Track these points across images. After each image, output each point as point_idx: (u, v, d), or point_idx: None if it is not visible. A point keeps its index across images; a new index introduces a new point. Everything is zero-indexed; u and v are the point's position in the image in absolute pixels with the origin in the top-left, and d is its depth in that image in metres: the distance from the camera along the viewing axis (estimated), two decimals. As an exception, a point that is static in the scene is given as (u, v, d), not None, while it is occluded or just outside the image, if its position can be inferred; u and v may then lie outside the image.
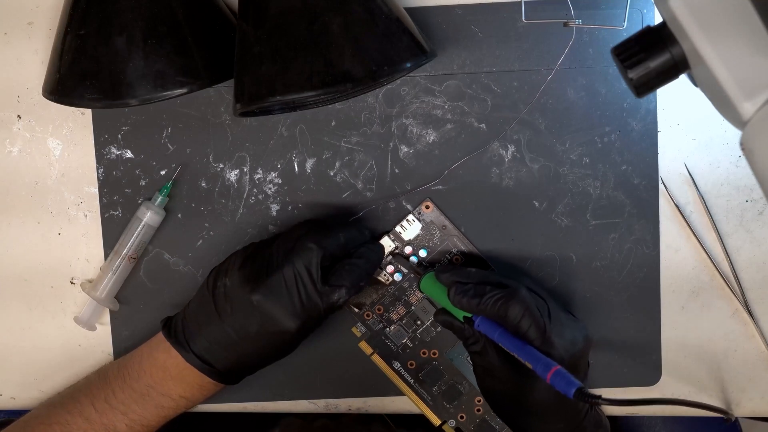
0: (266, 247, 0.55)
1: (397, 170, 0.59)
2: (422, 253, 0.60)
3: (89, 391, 0.56)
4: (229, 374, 0.55)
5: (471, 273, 0.55)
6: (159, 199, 0.59)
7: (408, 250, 0.60)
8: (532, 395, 0.52)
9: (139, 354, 0.56)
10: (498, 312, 0.52)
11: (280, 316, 0.52)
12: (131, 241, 0.58)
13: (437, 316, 0.57)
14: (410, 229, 0.60)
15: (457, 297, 0.53)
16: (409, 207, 0.60)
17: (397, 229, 0.60)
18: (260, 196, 0.60)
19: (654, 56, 0.39)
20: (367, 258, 0.56)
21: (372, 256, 0.57)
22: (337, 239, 0.55)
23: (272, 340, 0.53)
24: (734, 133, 0.59)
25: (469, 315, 0.54)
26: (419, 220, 0.60)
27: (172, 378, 0.55)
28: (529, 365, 0.49)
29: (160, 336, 0.56)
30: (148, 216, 0.58)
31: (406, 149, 0.59)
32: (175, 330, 0.55)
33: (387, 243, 0.60)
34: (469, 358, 0.60)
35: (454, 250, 0.60)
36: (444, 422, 0.61)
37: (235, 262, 0.54)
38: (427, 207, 0.60)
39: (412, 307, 0.60)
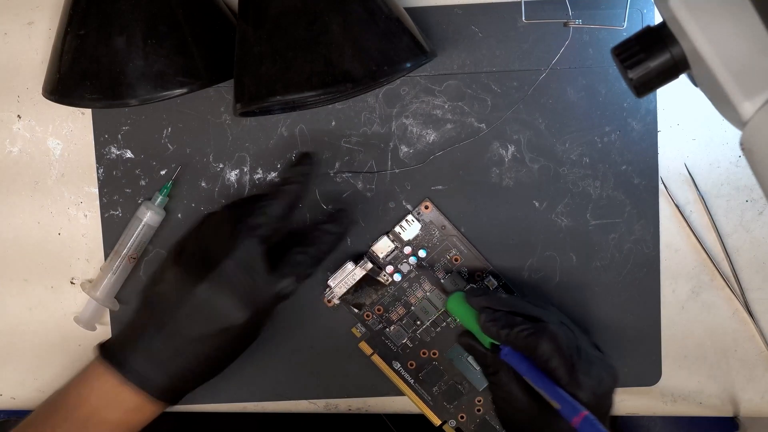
0: (197, 238, 0.52)
1: (397, 170, 0.59)
2: (422, 254, 0.60)
3: (36, 426, 0.52)
4: (170, 390, 0.51)
5: (502, 300, 0.54)
6: (159, 199, 0.58)
7: (407, 250, 0.60)
8: (555, 430, 0.51)
9: (77, 381, 0.52)
10: (528, 346, 0.50)
11: (226, 308, 0.49)
12: (131, 241, 0.58)
13: (461, 338, 0.55)
14: (410, 229, 0.60)
15: (487, 324, 0.52)
16: (408, 207, 0.60)
17: (397, 229, 0.60)
18: (260, 196, 0.60)
19: (654, 56, 0.39)
20: (320, 243, 0.53)
21: (326, 239, 0.53)
22: (273, 213, 0.51)
23: (219, 338, 0.50)
24: (734, 133, 0.59)
25: (497, 343, 0.53)
26: (418, 220, 0.60)
27: (109, 404, 0.50)
28: (556, 405, 0.48)
29: (96, 361, 0.52)
30: (148, 216, 0.58)
31: (406, 149, 0.59)
32: (110, 350, 0.51)
33: (386, 243, 0.60)
34: (477, 370, 0.60)
35: (454, 251, 0.60)
36: (444, 422, 0.61)
37: (168, 261, 0.51)
38: (427, 207, 0.60)
39: (412, 308, 0.60)
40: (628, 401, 0.62)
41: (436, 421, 0.61)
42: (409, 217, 0.60)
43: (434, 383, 0.61)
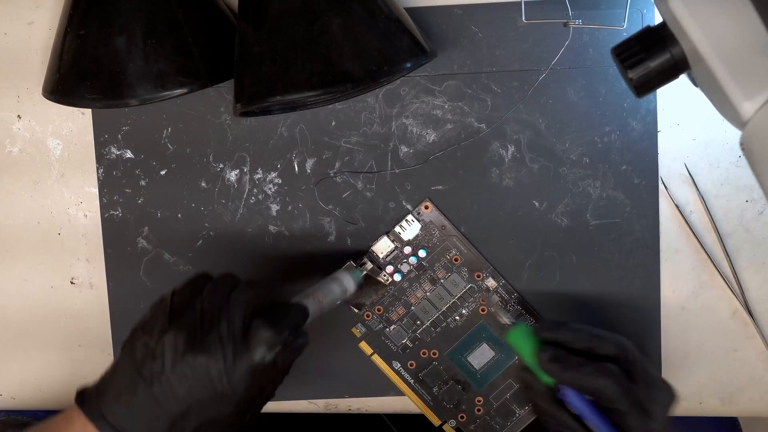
0: (192, 297, 0.50)
1: (397, 170, 0.60)
2: (422, 254, 0.60)
3: None
4: None
5: (571, 334, 0.52)
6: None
7: (407, 250, 0.60)
8: None
9: (55, 429, 0.49)
10: (591, 389, 0.50)
11: (217, 378, 0.47)
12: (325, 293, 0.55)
13: (521, 373, 0.54)
14: (409, 229, 0.60)
15: (547, 364, 0.51)
16: (408, 207, 0.60)
17: (397, 229, 0.60)
18: (260, 196, 0.60)
19: (654, 56, 0.39)
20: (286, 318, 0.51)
21: (293, 314, 0.52)
22: (267, 298, 0.51)
23: (210, 405, 0.48)
24: (734, 133, 0.59)
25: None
26: (418, 220, 0.60)
27: None
28: None
29: (76, 410, 0.48)
30: (347, 281, 0.56)
31: (406, 149, 0.59)
32: (90, 400, 0.48)
33: (386, 243, 0.60)
34: (477, 370, 0.60)
35: (454, 251, 0.60)
36: (444, 422, 0.61)
37: (158, 316, 0.49)
38: (427, 207, 0.60)
39: (412, 308, 0.60)
40: (628, 401, 0.62)
41: (436, 421, 0.61)
42: (409, 217, 0.60)
43: (434, 383, 0.61)
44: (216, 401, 0.48)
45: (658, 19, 0.57)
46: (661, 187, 0.59)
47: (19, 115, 0.60)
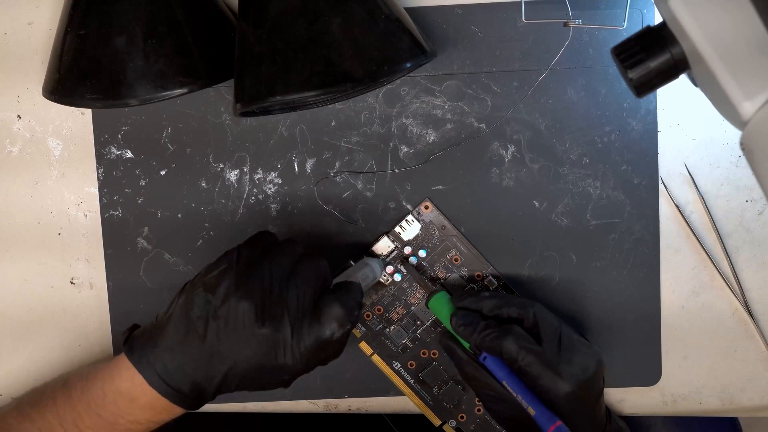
0: (259, 260, 0.49)
1: (397, 170, 0.60)
2: (422, 254, 0.60)
3: (56, 411, 0.50)
4: (197, 402, 0.49)
5: (483, 300, 0.54)
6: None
7: (407, 250, 0.60)
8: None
9: (101, 378, 0.49)
10: (495, 349, 0.52)
11: (281, 353, 0.47)
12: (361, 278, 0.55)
13: (443, 339, 0.56)
14: (409, 229, 0.60)
15: (458, 328, 0.53)
16: (408, 207, 0.60)
17: (397, 229, 0.60)
18: (260, 196, 0.60)
19: (654, 56, 0.39)
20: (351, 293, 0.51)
21: (354, 289, 0.52)
22: (329, 273, 0.51)
23: (266, 372, 0.47)
24: (734, 133, 0.59)
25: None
26: (418, 221, 0.60)
27: (140, 408, 0.48)
28: (531, 412, 0.50)
29: (123, 360, 0.48)
30: (376, 268, 0.57)
31: (406, 149, 0.59)
32: (140, 349, 0.48)
33: (386, 243, 0.60)
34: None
35: (454, 251, 0.60)
36: (444, 422, 0.61)
37: (223, 276, 0.47)
38: (427, 207, 0.60)
39: (412, 308, 0.60)
40: (628, 401, 0.62)
41: (436, 421, 0.61)
42: (409, 217, 0.60)
43: (434, 383, 0.61)
44: (274, 370, 0.47)
45: (658, 19, 0.57)
46: (661, 187, 0.59)
47: (19, 115, 0.60)
